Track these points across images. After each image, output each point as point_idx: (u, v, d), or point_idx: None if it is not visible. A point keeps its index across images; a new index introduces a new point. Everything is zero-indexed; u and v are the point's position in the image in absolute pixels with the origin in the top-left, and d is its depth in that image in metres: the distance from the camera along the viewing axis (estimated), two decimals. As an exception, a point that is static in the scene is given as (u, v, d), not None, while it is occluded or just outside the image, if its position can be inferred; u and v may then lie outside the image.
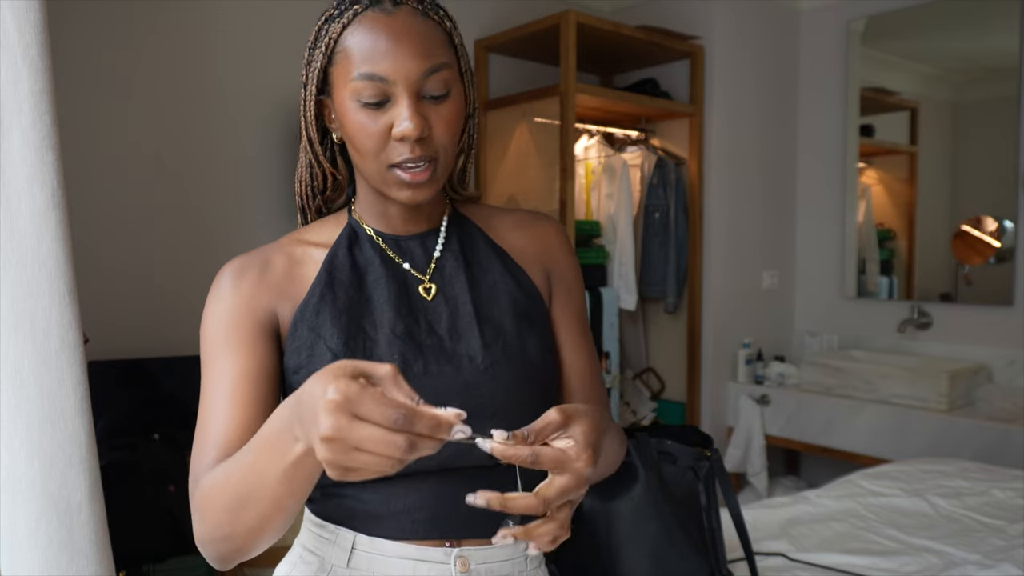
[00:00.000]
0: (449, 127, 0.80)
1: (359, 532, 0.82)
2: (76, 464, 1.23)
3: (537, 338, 0.89)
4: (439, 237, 0.91)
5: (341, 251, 0.87)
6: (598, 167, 3.44)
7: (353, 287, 0.85)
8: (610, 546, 1.04)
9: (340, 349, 0.81)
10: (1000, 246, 3.05)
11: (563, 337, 0.95)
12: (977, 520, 1.87)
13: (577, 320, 0.96)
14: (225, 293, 0.85)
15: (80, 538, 1.23)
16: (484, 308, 0.87)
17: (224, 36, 2.65)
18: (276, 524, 0.69)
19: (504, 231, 0.95)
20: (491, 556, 0.83)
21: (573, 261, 0.98)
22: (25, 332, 1.20)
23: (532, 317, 0.90)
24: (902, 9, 3.27)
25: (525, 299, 0.90)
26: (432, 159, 0.79)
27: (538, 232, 0.96)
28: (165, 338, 2.52)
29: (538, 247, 0.95)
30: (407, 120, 0.76)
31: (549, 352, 0.91)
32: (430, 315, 0.86)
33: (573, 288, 0.97)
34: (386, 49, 0.76)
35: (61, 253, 1.23)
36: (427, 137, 0.78)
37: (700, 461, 1.08)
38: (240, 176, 2.71)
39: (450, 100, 0.80)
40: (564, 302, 0.96)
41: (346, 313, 0.83)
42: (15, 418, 1.19)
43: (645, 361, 3.61)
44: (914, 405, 2.91)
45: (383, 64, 0.76)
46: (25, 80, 1.19)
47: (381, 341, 0.82)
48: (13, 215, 1.19)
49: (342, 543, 0.82)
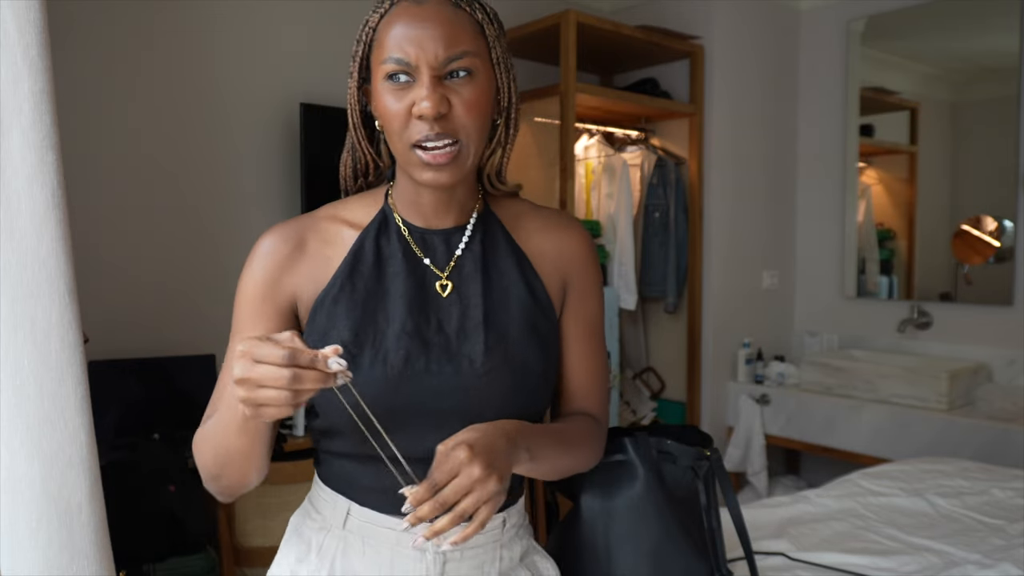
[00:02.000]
0: (471, 109, 0.82)
1: (353, 501, 0.90)
2: (76, 464, 1.23)
3: (540, 349, 0.91)
4: (464, 235, 0.93)
5: (368, 240, 0.91)
6: (598, 167, 3.44)
7: (373, 279, 0.89)
8: (610, 546, 1.04)
9: (350, 340, 0.86)
10: (1000, 246, 3.05)
11: (570, 345, 0.98)
12: (977, 520, 1.87)
13: (586, 330, 0.98)
14: (256, 268, 0.90)
15: (80, 538, 1.23)
16: (493, 312, 0.90)
17: (225, 36, 2.65)
18: (248, 468, 0.83)
19: (530, 232, 0.97)
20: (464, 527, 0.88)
21: (593, 270, 0.99)
22: (25, 332, 1.20)
23: (539, 327, 0.92)
24: (902, 9, 3.27)
25: (535, 308, 0.93)
26: (454, 140, 0.82)
27: (562, 238, 0.98)
28: (165, 338, 2.52)
29: (559, 253, 0.97)
30: (425, 99, 0.80)
31: (550, 363, 0.93)
32: (441, 313, 0.89)
33: (588, 297, 0.98)
34: (413, 35, 0.81)
35: (61, 253, 1.23)
36: (447, 117, 0.82)
37: (700, 461, 1.08)
38: (240, 176, 2.71)
39: (473, 84, 0.83)
40: (576, 310, 0.98)
41: (361, 305, 0.88)
42: (15, 418, 1.19)
43: (645, 361, 3.61)
44: (914, 405, 2.91)
45: (409, 48, 0.81)
46: (25, 80, 1.19)
47: (391, 335, 0.86)
48: (13, 215, 1.19)
49: (340, 508, 0.91)
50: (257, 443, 0.80)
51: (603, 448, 1.01)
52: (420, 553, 0.88)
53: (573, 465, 0.95)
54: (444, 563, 0.88)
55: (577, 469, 0.97)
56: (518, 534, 0.96)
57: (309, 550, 0.92)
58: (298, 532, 0.96)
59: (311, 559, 0.91)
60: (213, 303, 2.63)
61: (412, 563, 0.88)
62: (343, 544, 0.91)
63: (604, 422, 1.02)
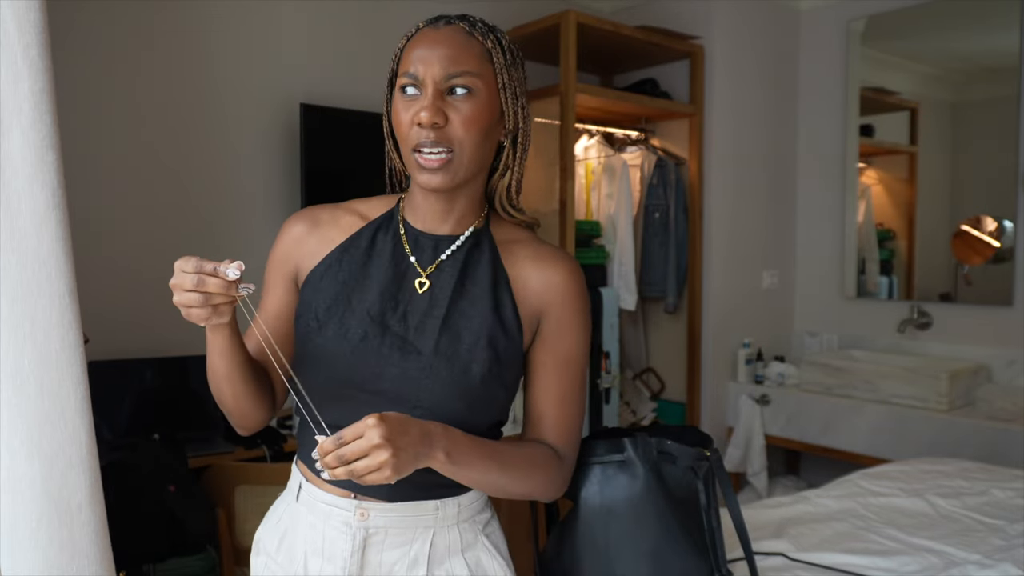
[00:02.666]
0: (466, 123, 0.91)
1: (304, 477, 1.02)
2: (76, 464, 1.23)
3: (489, 359, 0.94)
4: (454, 244, 1.00)
5: (367, 231, 1.02)
6: (598, 167, 3.44)
7: (359, 264, 0.99)
8: (610, 546, 1.04)
9: (323, 311, 0.97)
10: (1000, 246, 3.05)
11: (539, 374, 1.01)
12: (977, 520, 1.87)
13: (558, 361, 1.00)
14: (277, 243, 1.04)
15: (80, 538, 1.23)
16: (454, 317, 0.96)
17: (225, 36, 2.65)
18: (238, 393, 0.97)
19: (520, 259, 1.01)
20: (389, 511, 0.97)
21: (576, 307, 1.00)
22: (25, 332, 1.20)
23: (495, 341, 0.96)
24: (902, 9, 3.27)
25: (497, 325, 0.96)
26: (448, 150, 0.91)
27: (549, 272, 1.00)
28: (165, 338, 2.52)
29: (542, 285, 1.00)
30: (424, 109, 0.90)
31: (497, 378, 0.96)
32: (411, 306, 0.97)
33: (566, 332, 1.00)
34: (424, 55, 0.92)
35: (61, 253, 1.23)
36: (445, 128, 0.91)
37: (700, 461, 1.08)
38: (240, 176, 2.71)
39: (471, 102, 0.92)
40: (551, 343, 1.00)
41: (342, 283, 0.98)
42: (15, 418, 1.19)
43: (645, 361, 3.61)
44: (914, 405, 2.91)
45: (419, 65, 0.92)
46: (25, 80, 1.19)
47: (357, 314, 0.96)
48: (13, 215, 1.19)
49: (295, 482, 1.04)
50: (234, 368, 0.94)
51: (565, 481, 1.02)
52: (346, 527, 0.97)
53: (513, 486, 0.96)
54: (366, 538, 0.97)
55: (525, 494, 0.99)
56: (460, 525, 1.00)
57: (271, 516, 1.08)
58: (275, 504, 1.10)
59: (270, 524, 1.07)
60: (213, 303, 2.63)
61: (340, 536, 0.97)
62: (294, 515, 1.03)
63: (567, 455, 1.02)
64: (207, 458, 2.27)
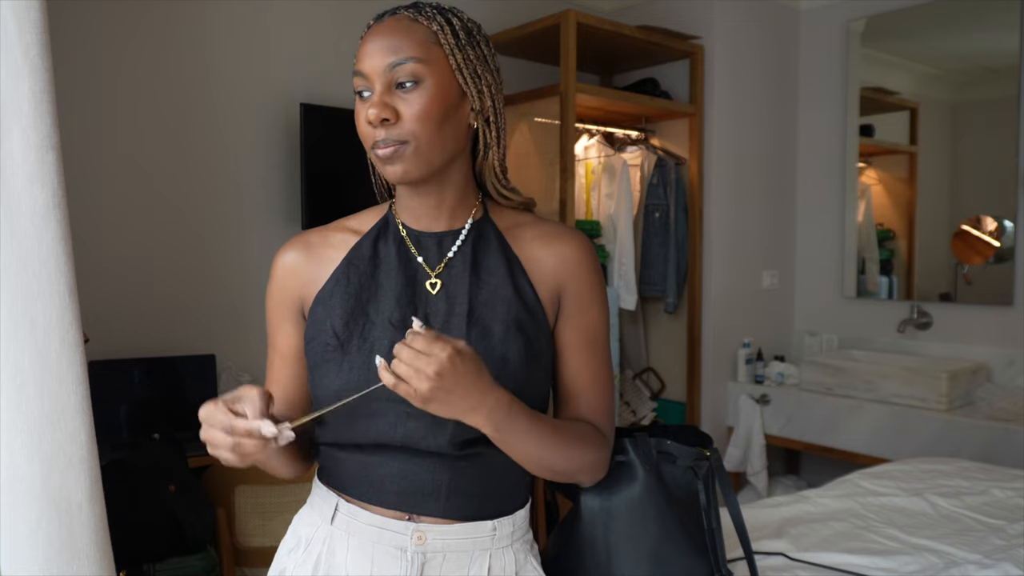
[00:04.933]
0: (415, 115, 0.87)
1: (342, 496, 0.95)
2: (76, 464, 1.23)
3: (523, 345, 0.92)
4: (458, 239, 0.97)
5: (367, 241, 0.98)
6: (598, 167, 3.44)
7: (367, 275, 0.96)
8: (609, 546, 1.04)
9: (341, 328, 0.92)
10: (1000, 246, 3.05)
11: (566, 354, 0.99)
12: (977, 520, 1.87)
13: (584, 339, 0.98)
14: (272, 281, 1.01)
15: (80, 538, 1.23)
16: (478, 311, 0.93)
17: (225, 37, 2.65)
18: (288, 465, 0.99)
19: (528, 240, 0.99)
20: (447, 533, 0.92)
21: (593, 279, 0.99)
22: (25, 332, 1.20)
23: (524, 326, 0.93)
24: (902, 9, 3.27)
25: (522, 308, 0.94)
26: (401, 142, 0.88)
27: (561, 247, 0.98)
28: (165, 338, 2.52)
29: (555, 262, 0.97)
30: (372, 106, 0.88)
31: (535, 361, 0.93)
32: (429, 308, 0.94)
33: (587, 306, 0.98)
34: (368, 49, 0.89)
35: (61, 253, 1.23)
36: (397, 124, 0.88)
37: (700, 461, 1.08)
38: (240, 176, 2.71)
39: (420, 92, 0.88)
40: (574, 319, 0.98)
41: (355, 297, 0.94)
42: (15, 418, 1.19)
43: (645, 361, 3.61)
44: (914, 405, 2.91)
45: (365, 61, 0.89)
46: (25, 80, 1.19)
47: (379, 325, 0.92)
48: (13, 215, 1.19)
49: (329, 504, 0.96)
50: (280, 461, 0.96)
51: (606, 461, 1.00)
52: (400, 552, 0.91)
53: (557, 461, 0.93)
54: (423, 563, 0.91)
55: (568, 470, 0.96)
56: (513, 546, 0.97)
57: (299, 544, 0.98)
58: (294, 528, 1.01)
59: (299, 553, 0.97)
60: (213, 303, 2.64)
61: (392, 561, 0.91)
62: (330, 540, 0.95)
63: (608, 433, 1.00)
64: (207, 458, 2.27)
